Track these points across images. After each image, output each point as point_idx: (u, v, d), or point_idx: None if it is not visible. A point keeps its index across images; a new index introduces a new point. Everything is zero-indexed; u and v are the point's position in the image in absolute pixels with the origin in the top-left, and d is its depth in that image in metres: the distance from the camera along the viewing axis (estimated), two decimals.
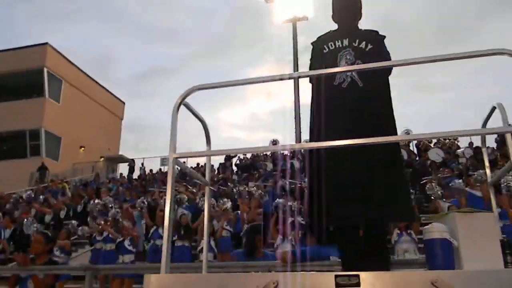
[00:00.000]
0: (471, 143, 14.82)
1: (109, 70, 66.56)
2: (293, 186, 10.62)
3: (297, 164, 14.84)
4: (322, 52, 2.55)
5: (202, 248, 7.06)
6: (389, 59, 2.42)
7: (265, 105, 62.52)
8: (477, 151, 13.07)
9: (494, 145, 14.82)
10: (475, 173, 8.58)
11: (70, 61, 26.37)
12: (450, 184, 9.22)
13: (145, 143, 60.77)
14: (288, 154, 17.04)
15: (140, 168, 23.22)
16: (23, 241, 9.87)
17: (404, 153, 14.67)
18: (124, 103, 33.15)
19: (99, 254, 8.17)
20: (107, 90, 30.62)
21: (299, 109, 27.00)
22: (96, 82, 29.36)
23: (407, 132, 17.85)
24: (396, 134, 2.43)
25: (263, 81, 1.94)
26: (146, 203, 10.84)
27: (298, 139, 26.25)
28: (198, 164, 21.30)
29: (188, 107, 1.94)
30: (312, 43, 2.70)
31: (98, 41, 69.36)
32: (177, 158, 1.71)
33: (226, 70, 69.40)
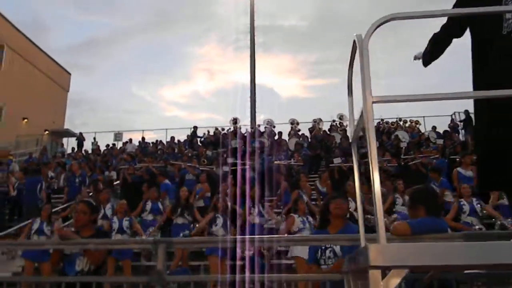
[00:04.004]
0: (434, 127, 15.49)
1: (42, 38, 61.46)
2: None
3: (267, 142, 14.80)
4: None
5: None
6: None
7: (209, 83, 61.11)
8: (445, 135, 13.75)
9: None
10: None
11: (13, 25, 24.09)
12: None
13: (82, 118, 57.70)
14: (249, 132, 16.96)
15: (93, 143, 22.17)
16: None
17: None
18: (70, 74, 31.13)
19: None
20: (53, 59, 28.48)
21: (255, 88, 26.91)
22: (41, 50, 27.18)
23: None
24: None
25: (468, 13, 1.87)
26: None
27: (253, 118, 26.22)
28: (157, 140, 20.66)
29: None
30: None
31: (28, 5, 62.94)
32: (375, 102, 1.41)
33: (170, 44, 67.03)
